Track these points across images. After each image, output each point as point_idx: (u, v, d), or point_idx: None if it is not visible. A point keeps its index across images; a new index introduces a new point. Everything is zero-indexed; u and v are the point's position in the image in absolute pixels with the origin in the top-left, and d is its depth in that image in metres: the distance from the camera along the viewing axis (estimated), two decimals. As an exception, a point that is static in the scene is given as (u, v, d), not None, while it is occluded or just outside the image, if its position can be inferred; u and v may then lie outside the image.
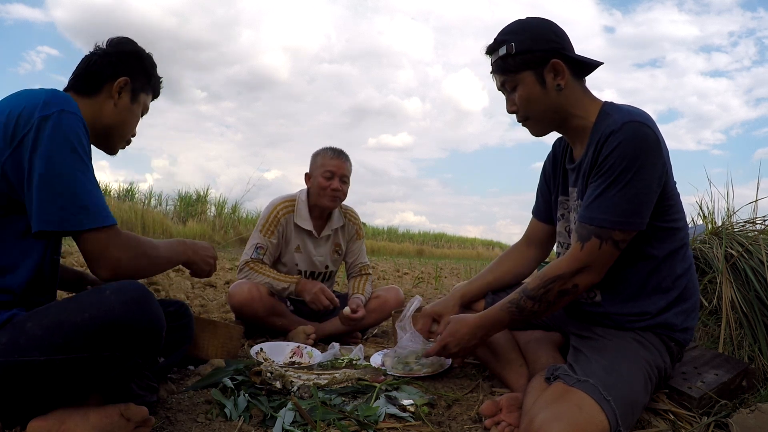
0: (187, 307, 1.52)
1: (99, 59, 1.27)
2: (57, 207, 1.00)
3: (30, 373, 0.94)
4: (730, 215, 2.27)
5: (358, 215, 2.52)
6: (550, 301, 1.25)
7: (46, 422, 0.97)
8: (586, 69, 1.35)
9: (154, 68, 1.38)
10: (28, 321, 0.97)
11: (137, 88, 1.31)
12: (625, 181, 1.16)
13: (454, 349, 1.42)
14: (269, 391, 1.40)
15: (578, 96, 1.32)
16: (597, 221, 1.19)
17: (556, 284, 1.23)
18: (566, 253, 1.27)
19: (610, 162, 1.18)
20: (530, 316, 1.29)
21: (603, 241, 1.19)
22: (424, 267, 9.28)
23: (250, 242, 2.29)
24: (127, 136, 1.34)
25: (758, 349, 1.73)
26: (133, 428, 1.03)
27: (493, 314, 1.35)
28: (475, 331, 1.38)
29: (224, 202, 11.83)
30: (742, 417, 1.18)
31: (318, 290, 2.17)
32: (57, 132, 1.01)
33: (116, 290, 0.99)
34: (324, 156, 2.31)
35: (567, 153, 1.45)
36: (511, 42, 1.29)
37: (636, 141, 1.16)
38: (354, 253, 2.48)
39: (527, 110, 1.34)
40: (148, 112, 1.42)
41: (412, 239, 22.32)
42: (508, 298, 1.33)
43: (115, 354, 0.97)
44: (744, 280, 1.89)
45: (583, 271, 1.22)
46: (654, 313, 1.28)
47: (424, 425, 1.25)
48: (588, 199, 1.23)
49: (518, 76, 1.30)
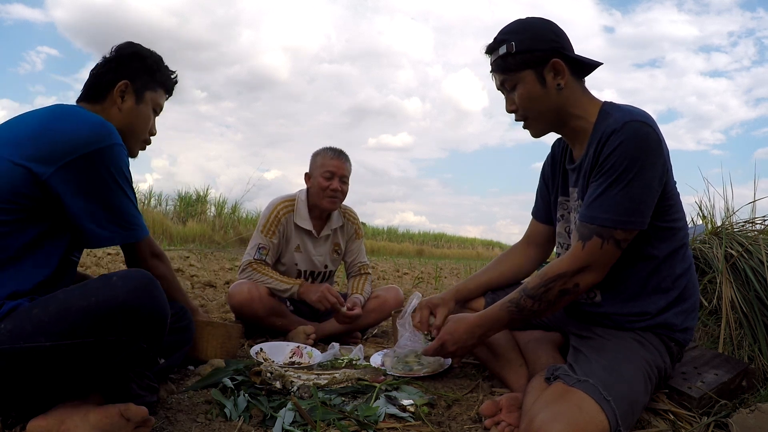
0: (187, 309, 1.52)
1: (101, 67, 1.33)
2: (115, 226, 1.18)
3: (35, 359, 0.95)
4: (730, 215, 2.27)
5: (357, 215, 2.52)
6: (550, 300, 1.25)
7: (45, 422, 0.97)
8: (586, 69, 1.35)
9: (159, 64, 1.39)
10: (34, 308, 0.99)
11: (140, 88, 1.34)
12: (626, 180, 1.16)
13: (451, 348, 1.41)
14: (269, 391, 1.40)
15: (578, 96, 1.32)
16: (599, 220, 1.19)
17: (557, 283, 1.23)
18: (567, 252, 1.26)
19: (611, 161, 1.18)
20: (530, 315, 1.29)
21: (605, 241, 1.19)
22: (424, 267, 9.27)
23: (252, 243, 2.29)
24: (140, 137, 1.38)
25: (758, 349, 1.73)
26: (133, 428, 1.03)
27: (492, 313, 1.35)
28: (474, 330, 1.37)
29: (224, 202, 11.82)
30: (742, 417, 1.18)
31: (324, 289, 2.17)
32: (111, 164, 1.15)
33: (123, 276, 1.03)
34: (324, 156, 2.31)
35: (566, 153, 1.45)
36: (511, 41, 1.29)
37: (637, 140, 1.16)
38: (353, 252, 2.48)
39: (527, 110, 1.34)
40: (162, 109, 1.44)
41: (412, 239, 22.31)
42: (508, 297, 1.32)
43: (120, 338, 0.99)
44: (744, 280, 1.89)
45: (584, 270, 1.21)
46: (654, 314, 1.28)
47: (424, 425, 1.25)
48: (589, 199, 1.22)
49: (518, 75, 1.30)
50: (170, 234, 9.69)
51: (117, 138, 1.17)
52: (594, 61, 1.32)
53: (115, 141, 1.16)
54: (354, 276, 2.47)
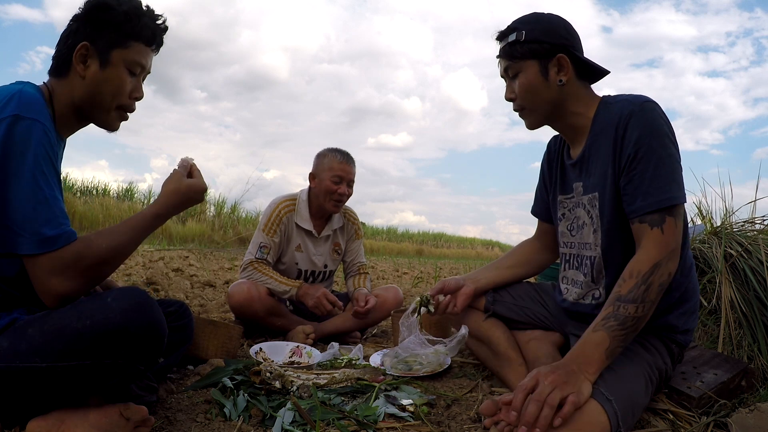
0: (187, 308, 1.52)
1: (65, 32, 1.12)
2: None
3: (31, 378, 0.94)
4: (729, 215, 2.28)
5: (357, 215, 2.52)
6: (652, 300, 1.13)
7: (45, 422, 0.97)
8: (593, 74, 1.35)
9: (130, 13, 1.12)
10: (29, 327, 0.97)
11: (104, 47, 1.11)
12: (667, 156, 1.17)
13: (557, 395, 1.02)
14: (269, 390, 1.40)
15: (579, 95, 1.33)
16: (665, 202, 1.16)
17: (656, 276, 1.14)
18: (647, 244, 1.17)
19: (646, 143, 1.17)
20: (632, 326, 1.11)
21: (676, 219, 1.17)
22: (424, 267, 9.27)
23: (254, 242, 2.29)
24: (111, 104, 1.15)
25: (757, 348, 1.73)
26: (133, 428, 1.03)
27: (587, 345, 1.10)
28: (573, 372, 1.06)
29: (223, 202, 11.82)
30: (742, 417, 1.18)
31: (321, 295, 2.17)
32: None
33: (117, 297, 0.98)
34: (333, 159, 2.29)
35: (564, 150, 1.44)
36: (522, 30, 1.30)
37: (660, 118, 1.20)
38: (352, 252, 2.49)
39: (525, 99, 1.34)
40: (144, 67, 1.18)
41: (412, 239, 22.31)
42: (599, 318, 1.14)
43: (117, 361, 0.97)
44: (743, 280, 1.89)
45: (672, 255, 1.16)
46: (655, 315, 1.27)
47: (424, 425, 1.25)
48: (641, 186, 1.18)
49: (522, 63, 1.31)
50: (170, 234, 9.68)
51: (28, 110, 0.98)
52: (602, 68, 1.33)
53: (20, 113, 0.96)
54: (353, 275, 2.47)
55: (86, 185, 12.24)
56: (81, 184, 12.12)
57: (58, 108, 1.12)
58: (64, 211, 1.01)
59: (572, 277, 1.43)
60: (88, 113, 1.16)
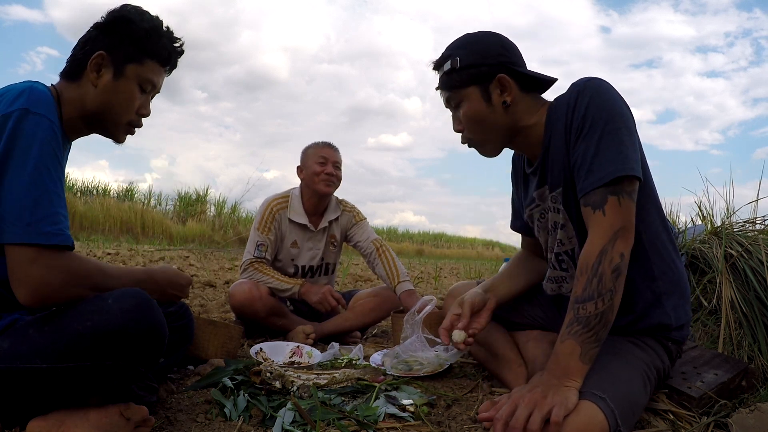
0: (187, 308, 1.52)
1: (83, 37, 1.14)
2: None
3: (32, 379, 0.94)
4: (730, 215, 2.28)
5: (353, 205, 2.53)
6: (610, 288, 1.06)
7: (45, 422, 0.97)
8: (539, 85, 1.29)
9: (151, 31, 1.14)
10: (30, 328, 0.97)
11: (120, 59, 1.12)
12: (612, 130, 1.11)
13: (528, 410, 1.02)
14: (269, 390, 1.40)
15: (529, 109, 1.26)
16: (604, 179, 1.09)
17: (605, 264, 1.06)
18: (591, 230, 1.12)
19: (590, 119, 1.13)
20: (600, 322, 1.06)
21: (619, 196, 1.09)
22: (424, 267, 9.27)
23: (251, 241, 2.30)
24: (122, 119, 1.16)
25: (758, 348, 1.73)
26: (133, 428, 1.03)
27: (559, 356, 1.08)
28: (550, 380, 1.06)
29: (224, 202, 11.86)
30: (742, 417, 1.18)
31: (326, 290, 2.18)
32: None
33: (118, 298, 0.98)
34: (315, 147, 2.37)
35: (524, 162, 1.39)
36: (456, 56, 1.24)
37: (606, 92, 1.15)
38: (361, 233, 2.46)
39: (473, 130, 1.28)
40: (156, 86, 1.20)
41: (412, 239, 22.32)
42: (563, 327, 1.09)
43: (117, 362, 0.97)
44: (744, 280, 1.89)
45: (618, 235, 1.08)
46: (644, 310, 1.24)
47: (424, 425, 1.25)
48: (583, 166, 1.14)
49: (463, 91, 1.25)
50: (170, 234, 9.70)
51: (37, 105, 0.98)
52: (547, 76, 1.27)
53: (30, 108, 0.97)
54: (375, 259, 2.38)
55: (86, 185, 12.26)
56: (81, 184, 12.14)
57: (66, 110, 1.12)
58: (65, 210, 1.00)
59: (555, 276, 1.39)
60: (97, 123, 1.17)
